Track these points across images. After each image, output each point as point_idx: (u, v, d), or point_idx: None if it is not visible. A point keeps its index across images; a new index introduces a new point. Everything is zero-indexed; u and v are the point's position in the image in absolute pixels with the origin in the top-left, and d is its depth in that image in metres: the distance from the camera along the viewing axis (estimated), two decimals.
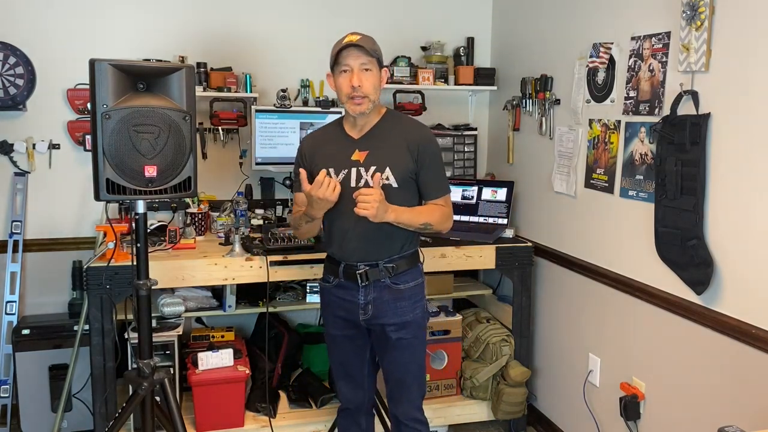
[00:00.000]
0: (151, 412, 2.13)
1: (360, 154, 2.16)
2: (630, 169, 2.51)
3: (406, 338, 2.22)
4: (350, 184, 2.14)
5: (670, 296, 2.32)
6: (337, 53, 2.09)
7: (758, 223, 1.97)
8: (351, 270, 2.19)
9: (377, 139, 2.18)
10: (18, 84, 3.02)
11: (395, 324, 2.20)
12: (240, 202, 2.90)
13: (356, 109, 2.10)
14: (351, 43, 2.06)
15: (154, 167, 1.97)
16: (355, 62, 2.07)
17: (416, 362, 2.29)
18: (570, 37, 2.90)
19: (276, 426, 2.87)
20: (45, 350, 2.97)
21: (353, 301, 2.22)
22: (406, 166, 2.15)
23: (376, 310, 2.20)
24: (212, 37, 3.27)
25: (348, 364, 2.35)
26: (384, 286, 2.19)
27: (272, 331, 3.21)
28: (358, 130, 2.20)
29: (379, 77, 2.13)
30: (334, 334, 2.33)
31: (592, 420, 2.79)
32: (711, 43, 2.10)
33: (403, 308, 2.21)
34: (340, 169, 2.17)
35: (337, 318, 2.29)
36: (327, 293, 2.31)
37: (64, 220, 3.19)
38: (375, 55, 2.09)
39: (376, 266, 2.18)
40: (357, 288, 2.20)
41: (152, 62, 2.80)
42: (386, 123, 2.21)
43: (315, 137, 2.32)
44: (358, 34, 2.11)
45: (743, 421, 1.97)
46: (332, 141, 2.24)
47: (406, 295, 2.22)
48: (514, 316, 3.15)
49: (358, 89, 2.07)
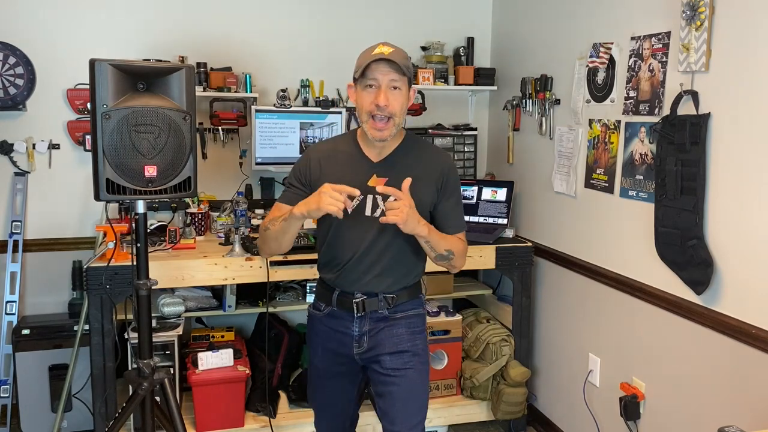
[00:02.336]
0: (151, 412, 2.13)
1: (378, 180, 1.90)
2: (630, 169, 2.51)
3: (403, 369, 1.96)
4: (364, 212, 1.92)
5: (670, 296, 2.32)
6: (365, 66, 1.84)
7: (758, 223, 1.97)
8: (347, 298, 1.97)
9: (398, 165, 1.94)
10: (18, 84, 3.02)
11: (390, 353, 1.97)
12: (240, 202, 2.90)
13: (377, 135, 1.86)
14: (383, 57, 1.82)
15: (154, 167, 1.96)
16: (384, 78, 1.83)
17: (416, 397, 1.99)
18: (570, 37, 2.90)
19: (276, 426, 2.87)
20: (45, 350, 2.97)
21: (346, 333, 1.99)
22: (428, 199, 1.95)
23: (371, 342, 1.98)
24: (212, 37, 3.27)
25: (333, 405, 2.12)
26: (381, 317, 1.98)
27: (272, 331, 3.21)
28: (377, 152, 1.96)
29: (407, 97, 1.90)
30: (320, 368, 2.07)
31: (592, 420, 2.79)
32: (711, 43, 2.10)
33: (400, 336, 1.98)
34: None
35: (326, 351, 2.04)
36: (316, 322, 2.06)
37: (64, 220, 3.18)
38: (407, 73, 1.86)
39: (375, 296, 1.96)
40: (351, 318, 1.98)
41: (152, 62, 2.80)
42: (408, 148, 1.99)
43: (325, 150, 2.03)
44: (390, 45, 1.87)
45: (743, 421, 1.97)
46: (347, 160, 1.97)
47: (403, 324, 2.00)
48: (514, 316, 3.15)
49: (384, 108, 1.83)
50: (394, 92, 1.85)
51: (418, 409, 1.99)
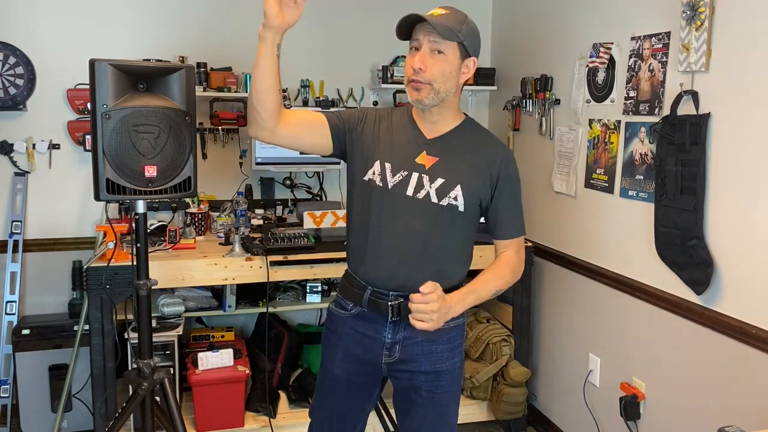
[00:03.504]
0: (151, 412, 2.13)
1: (428, 158, 1.73)
2: (630, 169, 2.51)
3: (438, 393, 1.79)
4: (406, 191, 1.72)
5: (670, 296, 2.32)
6: (412, 27, 1.69)
7: (758, 222, 1.97)
8: (380, 299, 1.74)
9: (452, 147, 1.76)
10: (18, 84, 3.02)
11: (426, 373, 1.77)
12: (240, 202, 2.90)
13: (414, 95, 1.69)
14: (428, 18, 1.64)
15: (154, 167, 1.96)
16: (424, 39, 1.66)
17: (447, 421, 1.84)
18: (570, 37, 2.90)
19: (276, 426, 2.87)
20: (45, 350, 2.97)
21: (376, 338, 1.77)
22: (480, 190, 1.74)
23: (404, 353, 1.76)
24: (212, 37, 3.27)
25: (343, 418, 1.88)
26: None
27: (272, 331, 3.21)
28: (430, 129, 1.77)
29: (456, 66, 1.68)
30: (338, 375, 1.84)
31: (592, 420, 2.79)
32: (711, 43, 2.10)
33: (439, 354, 1.78)
34: (399, 168, 1.73)
35: (348, 356, 1.81)
36: (340, 323, 1.83)
37: (64, 220, 3.18)
38: (453, 38, 1.65)
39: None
40: (384, 322, 1.75)
41: (152, 62, 2.79)
42: (465, 131, 1.79)
43: (383, 113, 1.84)
44: (448, 8, 1.70)
45: (743, 421, 1.97)
46: (400, 129, 1.79)
47: (444, 338, 1.77)
48: (514, 316, 3.15)
49: (419, 72, 1.65)
50: (435, 56, 1.66)
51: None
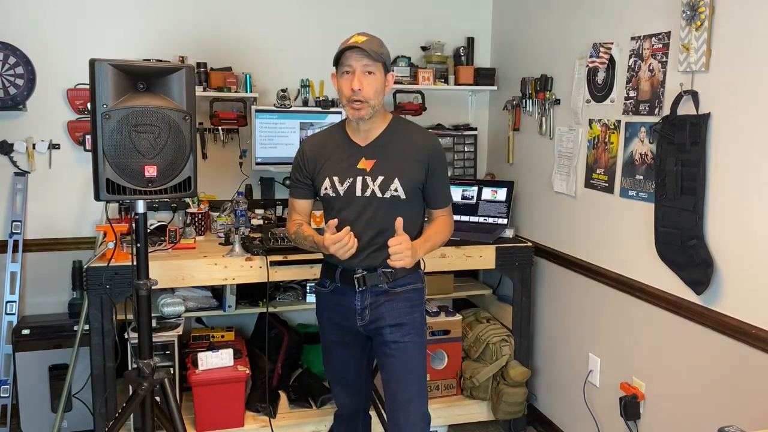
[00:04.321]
0: (151, 412, 2.13)
1: (367, 162, 2.11)
2: (630, 169, 2.51)
3: (403, 341, 2.14)
4: (356, 193, 2.10)
5: (670, 296, 2.32)
6: (340, 53, 2.02)
7: (758, 222, 1.97)
8: (348, 274, 2.14)
9: (385, 148, 2.12)
10: (18, 84, 3.02)
11: (391, 326, 2.14)
12: (240, 202, 2.90)
13: (355, 114, 2.04)
14: (355, 45, 1.99)
15: (154, 167, 1.97)
16: (357, 64, 2.00)
17: (414, 368, 2.17)
18: (570, 37, 2.90)
19: (276, 426, 2.87)
20: (45, 350, 2.97)
21: (349, 307, 2.16)
22: (415, 177, 2.11)
23: (372, 315, 2.15)
24: (212, 37, 3.27)
25: (344, 370, 2.30)
26: (381, 291, 2.14)
27: (272, 331, 3.22)
28: (363, 137, 2.13)
29: (382, 82, 2.06)
30: (330, 340, 2.28)
31: (592, 420, 2.79)
32: (711, 43, 2.10)
33: (400, 310, 2.15)
34: (345, 178, 2.11)
35: (332, 324, 2.24)
36: (323, 298, 2.26)
37: (64, 220, 3.19)
38: (379, 59, 2.02)
39: (375, 271, 2.13)
40: (354, 293, 2.15)
41: (152, 62, 2.79)
42: (393, 131, 2.15)
43: (317, 141, 2.23)
44: (365, 35, 2.04)
45: (743, 421, 1.97)
46: (337, 147, 2.16)
47: (402, 297, 2.16)
48: (514, 316, 3.15)
49: (357, 92, 1.99)
50: (368, 77, 2.01)
51: (416, 378, 2.16)
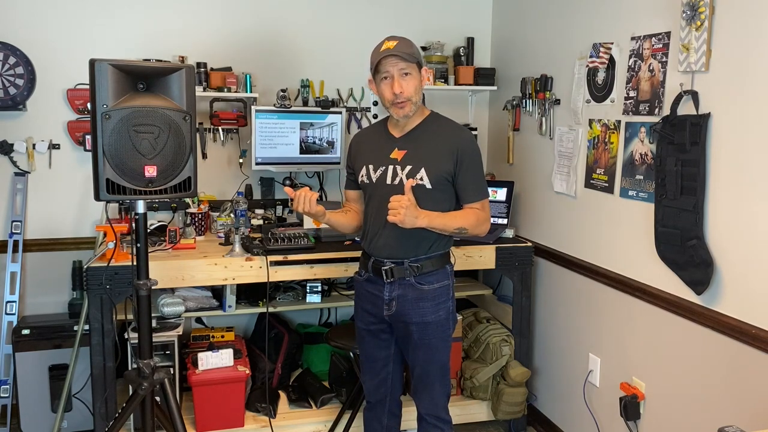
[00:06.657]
0: (151, 412, 2.13)
1: (398, 152, 2.22)
2: (630, 169, 2.51)
3: (427, 339, 2.25)
4: (386, 181, 2.21)
5: (669, 296, 2.32)
6: (377, 62, 2.13)
7: (758, 222, 1.97)
8: (378, 265, 2.25)
9: (417, 140, 2.22)
10: (18, 84, 3.02)
11: (416, 323, 2.23)
12: (240, 202, 2.90)
13: (400, 112, 2.16)
14: (389, 52, 2.10)
15: (154, 167, 1.97)
16: (393, 69, 2.11)
17: (437, 363, 2.29)
18: (570, 37, 2.90)
19: (276, 426, 2.87)
20: (45, 350, 2.97)
21: (379, 296, 2.27)
22: (443, 168, 2.18)
23: (399, 308, 2.24)
24: (212, 37, 3.27)
25: (372, 358, 2.39)
26: (408, 285, 2.23)
27: (272, 331, 3.22)
28: (399, 130, 2.26)
29: (419, 79, 2.18)
30: (360, 327, 2.39)
31: (592, 420, 2.79)
32: (711, 43, 2.10)
33: (425, 308, 2.23)
34: (378, 166, 2.24)
35: (364, 312, 2.35)
36: (358, 286, 2.38)
37: (64, 220, 3.19)
38: (413, 60, 2.13)
39: (402, 264, 2.22)
40: (383, 284, 2.25)
41: (152, 62, 2.80)
42: (428, 124, 2.25)
43: (361, 135, 2.43)
44: (395, 38, 2.15)
45: (743, 421, 1.97)
46: (375, 139, 2.32)
47: (429, 296, 2.23)
48: (514, 316, 3.15)
49: (400, 95, 2.12)
50: (406, 78, 2.14)
51: (438, 375, 2.30)
